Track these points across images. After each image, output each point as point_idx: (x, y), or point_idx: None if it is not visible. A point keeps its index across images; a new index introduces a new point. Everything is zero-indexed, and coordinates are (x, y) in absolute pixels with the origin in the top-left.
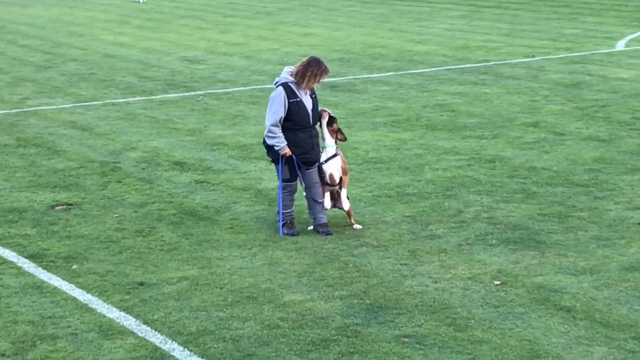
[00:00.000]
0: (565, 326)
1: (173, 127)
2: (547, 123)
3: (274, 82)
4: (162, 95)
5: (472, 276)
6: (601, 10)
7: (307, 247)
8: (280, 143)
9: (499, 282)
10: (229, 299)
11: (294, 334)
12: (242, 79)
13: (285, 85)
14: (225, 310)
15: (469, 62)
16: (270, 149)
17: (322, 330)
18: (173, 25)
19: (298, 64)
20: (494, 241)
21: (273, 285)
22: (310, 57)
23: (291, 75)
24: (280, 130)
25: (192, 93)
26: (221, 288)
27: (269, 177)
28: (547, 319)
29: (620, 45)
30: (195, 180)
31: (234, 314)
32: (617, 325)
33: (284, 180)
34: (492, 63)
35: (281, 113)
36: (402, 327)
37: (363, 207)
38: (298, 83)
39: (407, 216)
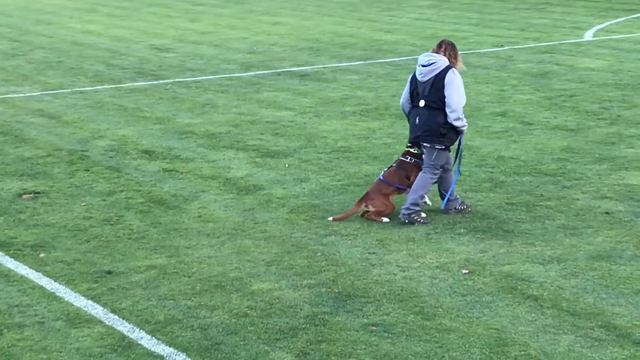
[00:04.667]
0: (533, 315)
1: (141, 115)
2: (516, 112)
3: (435, 65)
4: (131, 84)
5: (440, 265)
6: (569, 0)
7: (276, 236)
8: (466, 123)
9: (466, 271)
10: (197, 287)
11: (262, 323)
12: (211, 68)
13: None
14: (193, 298)
15: None
16: (444, 136)
17: (290, 318)
18: (142, 13)
19: (439, 48)
20: (462, 230)
21: (241, 273)
22: (446, 40)
23: (449, 60)
24: None
25: (161, 81)
26: (189, 277)
27: (238, 166)
28: (514, 308)
29: (589, 36)
30: (163, 169)
31: (202, 303)
32: (584, 314)
33: (446, 164)
34: (461, 52)
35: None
36: (370, 315)
37: (332, 196)
38: (454, 65)
39: None
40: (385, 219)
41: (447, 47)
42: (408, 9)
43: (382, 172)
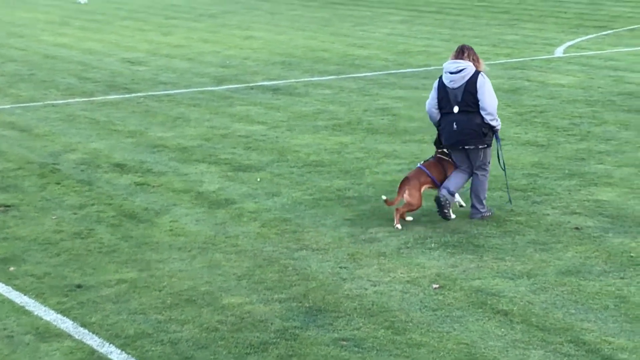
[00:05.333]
0: (502, 330)
1: (113, 128)
2: None
3: (466, 72)
4: (103, 97)
5: (410, 279)
6: (541, 16)
7: (247, 250)
8: (500, 122)
9: (437, 286)
10: (168, 301)
11: (232, 337)
12: (183, 81)
13: None
14: (163, 313)
15: (410, 67)
16: (486, 135)
17: (260, 333)
18: (114, 26)
19: (462, 54)
20: (433, 245)
21: (212, 288)
22: (465, 45)
23: (474, 64)
24: None
25: (133, 95)
26: (160, 291)
27: (209, 180)
28: (484, 323)
29: (559, 52)
30: (135, 183)
31: (172, 317)
32: (553, 329)
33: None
34: (432, 68)
35: None
36: (340, 330)
37: (303, 211)
38: (478, 68)
39: (347, 219)
40: (399, 225)
41: (469, 52)
42: (380, 24)
43: (420, 162)
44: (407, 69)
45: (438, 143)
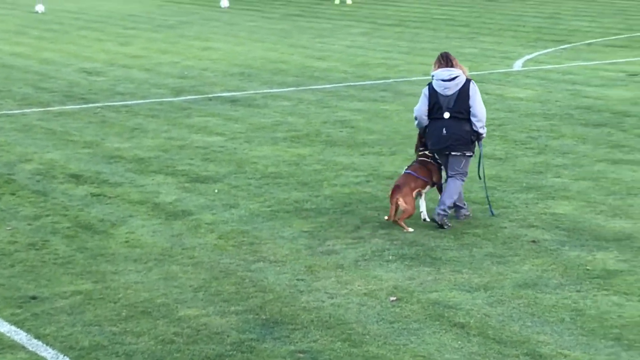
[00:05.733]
0: (459, 342)
1: (69, 139)
2: None
3: (459, 79)
4: (59, 107)
5: (368, 292)
6: (499, 30)
7: (204, 262)
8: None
9: (394, 298)
10: (123, 313)
11: (188, 349)
12: (141, 92)
13: None
14: (119, 325)
15: (369, 79)
16: (473, 143)
17: (217, 345)
18: (72, 36)
19: (450, 62)
20: (390, 257)
21: (168, 300)
22: (448, 53)
23: (462, 72)
24: None
25: (90, 105)
26: (115, 302)
27: (166, 191)
28: (441, 335)
29: (518, 65)
30: (91, 194)
31: (127, 329)
32: (510, 342)
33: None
34: (392, 80)
35: None
36: (297, 342)
37: (261, 222)
38: (465, 76)
39: (305, 231)
40: (411, 229)
41: (456, 61)
42: (340, 36)
43: (405, 168)
44: (366, 81)
45: (419, 148)
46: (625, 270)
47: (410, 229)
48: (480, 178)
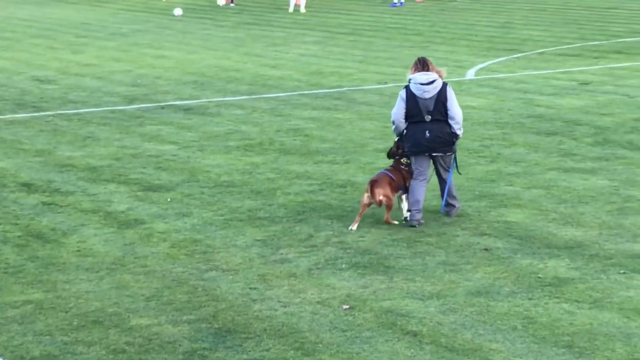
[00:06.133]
0: (412, 350)
1: (21, 147)
2: None
3: (437, 83)
4: (10, 115)
5: (321, 300)
6: (452, 39)
7: (156, 271)
8: None
9: (347, 307)
10: (75, 323)
11: (140, 359)
12: (93, 100)
13: None
14: (70, 334)
15: (323, 88)
16: (454, 143)
17: (169, 354)
18: (24, 44)
19: (426, 66)
20: (343, 265)
21: (120, 309)
22: (424, 58)
23: (439, 75)
24: None
25: (42, 113)
26: (66, 312)
27: (119, 200)
28: (393, 344)
29: (470, 74)
30: (42, 202)
31: (79, 339)
32: (462, 350)
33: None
34: (345, 89)
35: None
36: (250, 351)
37: (214, 231)
38: (442, 79)
39: (258, 240)
40: (396, 222)
41: (432, 65)
42: (294, 44)
43: (382, 170)
44: (320, 89)
45: (395, 153)
46: (576, 278)
47: (396, 222)
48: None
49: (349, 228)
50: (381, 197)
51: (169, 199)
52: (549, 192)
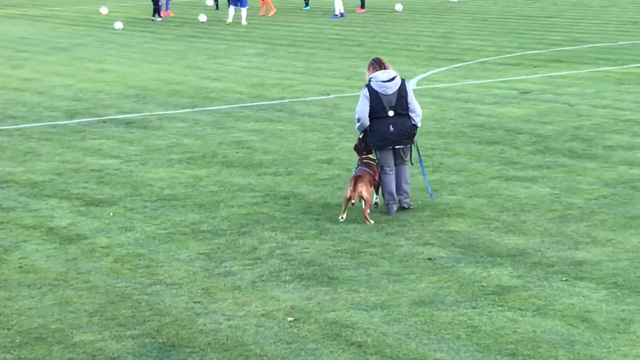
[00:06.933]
0: None
1: None
2: (341, 160)
3: (397, 79)
4: None
5: (265, 313)
6: (394, 50)
7: (99, 286)
8: None
9: (292, 319)
10: (17, 340)
11: None
12: (33, 115)
13: None
14: (12, 351)
15: (265, 100)
16: (414, 135)
17: None
18: None
19: (383, 65)
20: (287, 277)
21: (63, 325)
22: (379, 58)
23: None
24: None
25: None
26: (9, 329)
27: (61, 215)
28: (338, 355)
29: (412, 84)
30: None
31: (21, 356)
32: None
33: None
34: (287, 100)
35: None
36: None
37: (157, 245)
38: None
39: (202, 253)
40: (372, 221)
41: (387, 64)
42: (235, 57)
43: (355, 168)
44: (262, 101)
45: (361, 148)
46: (519, 286)
47: (372, 221)
48: (412, 164)
49: (339, 217)
50: (363, 194)
51: (111, 214)
52: (491, 201)
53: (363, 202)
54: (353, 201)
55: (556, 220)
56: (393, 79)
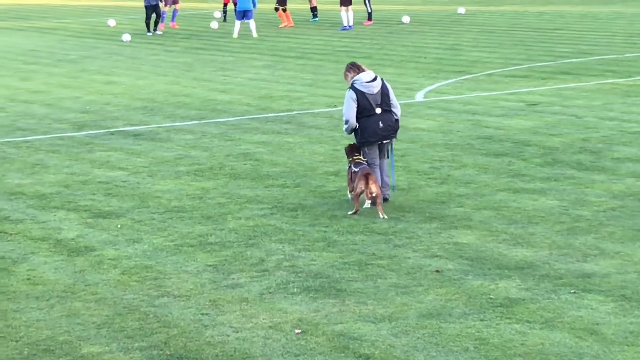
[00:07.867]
0: None
1: None
2: None
3: (378, 79)
4: None
5: (273, 325)
6: (401, 62)
7: (107, 298)
8: None
9: (299, 331)
10: (25, 352)
11: None
12: (42, 128)
13: None
14: None
15: (273, 112)
16: (398, 129)
17: None
18: None
19: (362, 67)
20: (295, 290)
21: (71, 337)
22: (356, 61)
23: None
24: None
25: None
26: (17, 341)
27: (69, 227)
28: None
29: (419, 96)
30: None
31: None
32: None
33: None
34: (295, 112)
35: None
36: None
37: (165, 257)
38: None
39: (209, 265)
40: (386, 216)
41: (364, 66)
42: (243, 69)
43: (358, 166)
44: (270, 113)
45: (352, 151)
46: (527, 299)
47: (386, 216)
48: (388, 157)
49: (349, 213)
50: (374, 189)
51: (119, 226)
52: (499, 213)
53: (376, 198)
54: (368, 201)
55: (564, 233)
56: (375, 78)
